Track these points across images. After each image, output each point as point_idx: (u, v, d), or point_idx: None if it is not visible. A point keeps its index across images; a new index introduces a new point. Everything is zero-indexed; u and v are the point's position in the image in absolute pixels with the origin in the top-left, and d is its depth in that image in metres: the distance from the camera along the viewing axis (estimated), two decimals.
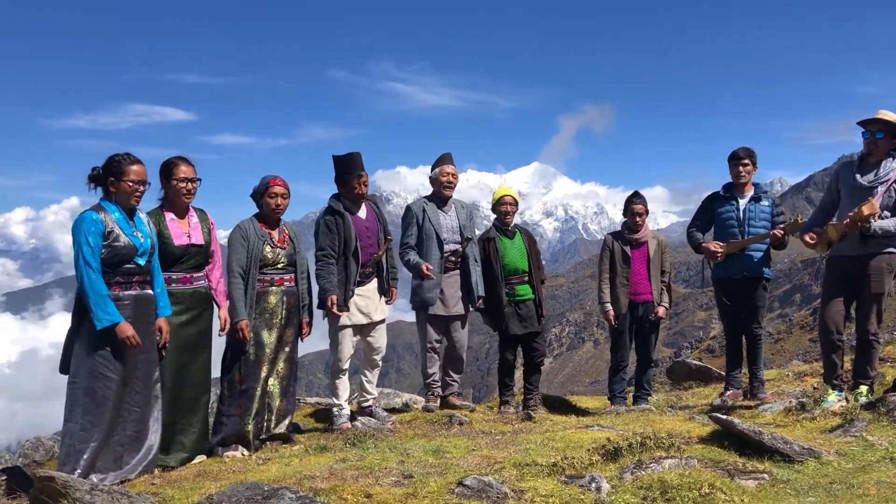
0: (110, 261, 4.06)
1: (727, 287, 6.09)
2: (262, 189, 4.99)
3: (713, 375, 8.95)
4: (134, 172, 4.13)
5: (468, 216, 6.26)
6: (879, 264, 4.96)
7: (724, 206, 6.08)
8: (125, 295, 4.13)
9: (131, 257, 4.12)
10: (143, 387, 4.22)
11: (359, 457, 4.07)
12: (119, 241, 4.06)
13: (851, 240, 5.01)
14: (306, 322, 5.17)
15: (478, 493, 3.05)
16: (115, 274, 4.10)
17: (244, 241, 4.87)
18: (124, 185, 4.12)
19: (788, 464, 3.56)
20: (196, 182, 4.60)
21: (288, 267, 5.04)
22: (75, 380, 4.04)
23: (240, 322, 4.77)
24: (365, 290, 5.46)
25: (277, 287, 4.97)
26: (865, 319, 4.99)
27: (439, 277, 5.97)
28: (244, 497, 2.79)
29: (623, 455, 3.63)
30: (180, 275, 4.56)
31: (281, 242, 5.01)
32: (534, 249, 6.36)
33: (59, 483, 2.95)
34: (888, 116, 5.00)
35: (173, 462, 4.43)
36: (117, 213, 4.12)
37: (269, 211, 4.98)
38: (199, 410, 4.66)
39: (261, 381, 4.88)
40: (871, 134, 5.04)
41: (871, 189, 4.98)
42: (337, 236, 5.30)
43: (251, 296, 4.84)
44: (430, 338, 6.03)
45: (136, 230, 4.17)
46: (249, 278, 4.85)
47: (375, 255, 5.47)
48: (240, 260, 4.84)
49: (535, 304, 6.24)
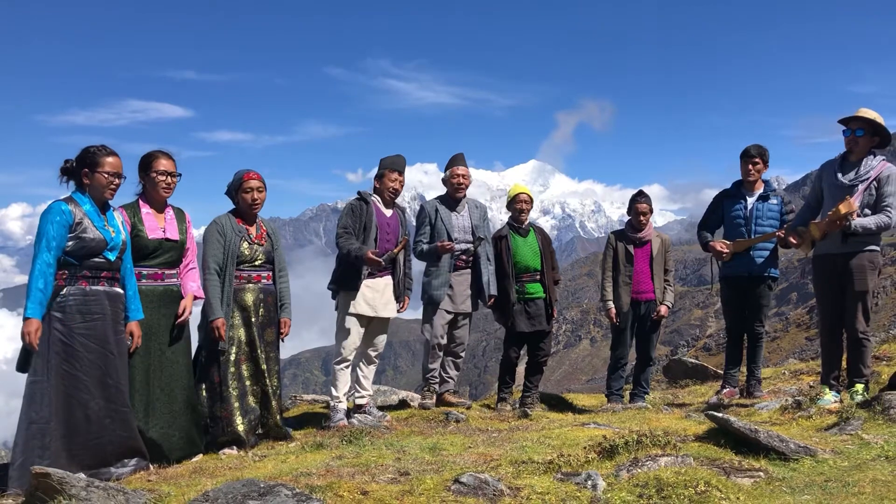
0: (78, 253, 3.95)
1: (733, 285, 6.10)
2: (237, 184, 4.90)
3: (710, 373, 8.98)
4: (109, 164, 4.04)
5: (482, 216, 6.28)
6: (861, 262, 4.98)
7: (733, 204, 6.09)
8: (92, 290, 4.00)
9: (100, 250, 4.01)
10: (123, 387, 4.09)
11: (355, 454, 4.07)
12: (87, 232, 3.95)
13: (833, 238, 5.03)
14: (285, 321, 5.05)
15: (474, 490, 3.05)
16: (83, 267, 3.98)
17: (221, 236, 4.77)
18: (99, 177, 4.02)
19: (784, 462, 3.56)
20: (176, 177, 4.51)
21: (266, 264, 4.95)
22: (36, 377, 3.87)
23: (215, 321, 4.65)
24: (374, 283, 5.47)
25: (254, 284, 4.87)
26: (853, 318, 5.00)
27: (448, 276, 6.01)
28: (240, 494, 2.79)
29: (619, 453, 3.63)
30: (151, 270, 4.43)
31: (259, 239, 4.92)
32: (548, 249, 6.37)
33: (55, 480, 2.95)
34: (868, 114, 5.01)
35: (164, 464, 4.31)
36: (89, 205, 4.02)
37: (246, 206, 4.89)
38: (185, 412, 4.50)
39: (242, 381, 4.78)
40: (851, 132, 5.06)
41: (852, 187, 5.00)
42: (358, 220, 5.43)
43: (228, 294, 4.73)
44: (435, 333, 6.04)
45: (107, 224, 4.07)
46: (226, 276, 4.74)
47: (391, 251, 5.49)
48: (216, 256, 4.73)
49: (545, 303, 6.24)
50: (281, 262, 5.07)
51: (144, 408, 4.33)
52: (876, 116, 5.00)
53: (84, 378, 3.95)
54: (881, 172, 4.96)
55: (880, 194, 4.95)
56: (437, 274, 6.02)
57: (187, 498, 3.13)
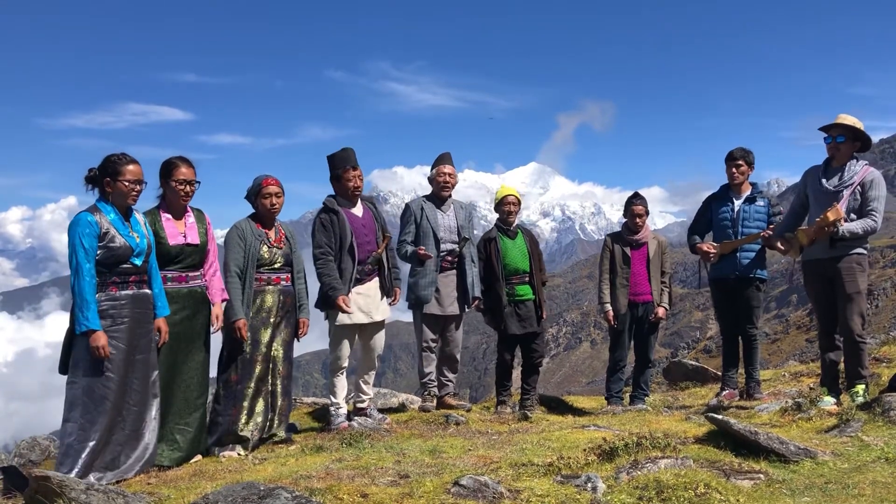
0: (106, 261, 4.08)
1: (722, 287, 6.14)
2: (256, 190, 4.98)
3: (710, 376, 8.96)
4: (130, 172, 4.15)
5: (467, 217, 6.25)
6: (849, 265, 5.01)
7: (720, 206, 6.16)
8: (122, 294, 4.15)
9: (127, 257, 4.14)
10: (142, 386, 4.23)
11: (355, 457, 4.07)
12: (115, 241, 4.08)
13: (821, 243, 5.07)
14: (304, 322, 5.18)
15: (474, 492, 3.05)
16: (112, 274, 4.12)
17: (241, 240, 4.88)
18: (120, 185, 4.13)
19: (784, 464, 3.56)
20: (195, 185, 4.61)
21: (285, 266, 5.05)
22: (74, 380, 4.04)
23: (237, 321, 4.77)
24: (366, 288, 5.44)
25: (274, 286, 4.98)
26: (847, 321, 5.01)
27: (434, 275, 5.98)
28: (240, 497, 2.79)
29: (619, 455, 3.63)
30: (175, 273, 4.56)
31: (277, 242, 5.03)
32: (535, 250, 6.36)
33: (55, 483, 2.95)
34: (848, 121, 5.07)
35: (168, 461, 4.42)
36: (113, 213, 4.14)
37: (265, 211, 4.98)
38: (196, 410, 4.64)
39: (255, 381, 4.87)
40: (832, 139, 5.10)
41: (837, 193, 5.04)
42: (332, 234, 5.30)
43: (248, 295, 4.85)
44: (426, 337, 6.03)
45: (132, 230, 4.19)
46: (246, 278, 4.86)
47: (375, 253, 5.47)
48: (237, 260, 4.85)
49: (534, 305, 6.23)
50: (299, 263, 5.17)
51: (165, 404, 4.45)
52: (855, 122, 5.07)
53: (113, 378, 4.09)
54: (864, 177, 5.02)
55: (865, 198, 5.01)
56: (424, 274, 5.98)
57: (187, 501, 3.13)
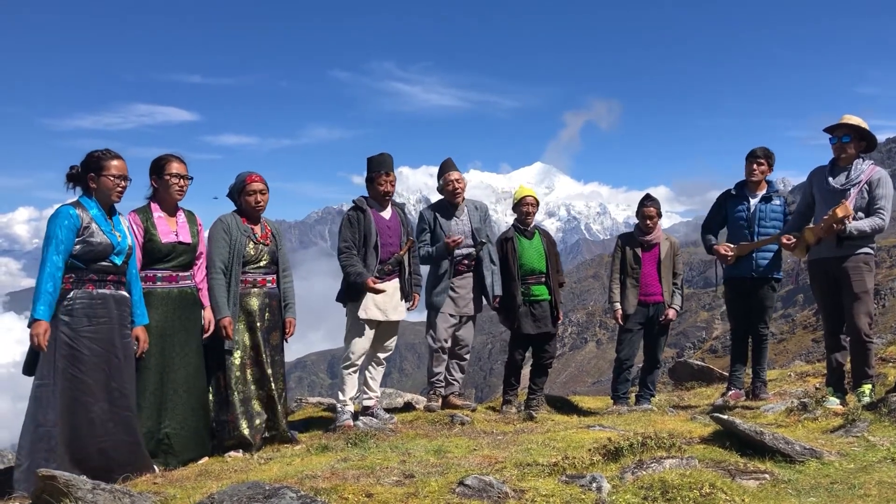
0: (85, 256, 3.99)
1: (737, 286, 6.13)
2: (240, 187, 4.89)
3: (715, 376, 8.95)
4: (114, 167, 4.08)
5: (482, 218, 6.24)
6: (856, 264, 5.01)
7: (736, 204, 6.14)
8: (98, 294, 4.04)
9: (107, 255, 4.05)
10: (122, 392, 4.08)
11: (360, 456, 4.08)
12: (94, 237, 4.00)
13: (828, 242, 5.07)
14: (290, 321, 5.06)
15: (479, 492, 3.05)
16: (89, 271, 4.02)
17: (226, 234, 4.75)
18: (105, 181, 4.06)
19: (790, 464, 3.55)
20: (188, 180, 4.53)
21: (270, 265, 4.93)
22: (43, 381, 3.88)
23: (222, 319, 4.64)
24: (384, 287, 5.44)
25: (259, 289, 4.86)
26: (854, 320, 5.00)
27: (448, 282, 6.01)
28: (245, 496, 2.80)
29: (624, 455, 3.62)
30: (166, 273, 4.47)
31: (264, 238, 4.91)
32: (552, 251, 6.39)
33: (61, 482, 2.96)
34: (852, 121, 5.10)
35: (174, 463, 4.35)
36: (96, 209, 4.06)
37: (250, 209, 4.87)
38: (196, 412, 4.54)
39: (247, 385, 4.78)
40: (838, 139, 5.13)
41: (844, 191, 5.06)
42: (357, 231, 5.39)
43: (234, 293, 4.72)
44: (439, 337, 6.04)
45: (114, 229, 4.11)
46: (232, 275, 4.73)
47: (397, 255, 5.51)
48: (221, 255, 4.71)
49: (550, 306, 6.25)
50: (285, 262, 5.06)
51: (157, 407, 4.37)
52: (860, 122, 5.09)
53: (89, 381, 3.97)
54: (871, 175, 5.04)
55: (872, 197, 5.02)
56: (437, 281, 6.02)
57: (193, 500, 3.14)
